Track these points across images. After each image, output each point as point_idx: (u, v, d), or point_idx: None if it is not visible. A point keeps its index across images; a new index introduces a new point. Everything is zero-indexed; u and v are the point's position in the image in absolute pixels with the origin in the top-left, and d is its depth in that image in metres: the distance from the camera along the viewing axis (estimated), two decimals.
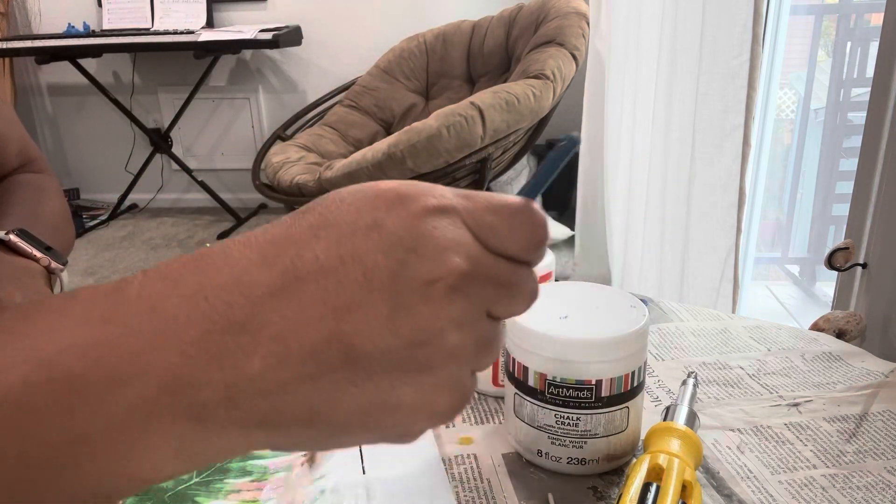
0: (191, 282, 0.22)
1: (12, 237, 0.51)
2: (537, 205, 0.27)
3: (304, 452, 0.48)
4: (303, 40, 3.05)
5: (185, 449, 0.22)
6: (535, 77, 2.12)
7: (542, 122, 2.31)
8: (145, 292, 0.22)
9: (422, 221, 0.23)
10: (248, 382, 0.21)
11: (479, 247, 0.24)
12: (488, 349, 0.26)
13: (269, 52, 3.12)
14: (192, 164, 3.22)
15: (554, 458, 0.46)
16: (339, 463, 0.47)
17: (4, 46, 2.81)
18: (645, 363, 0.46)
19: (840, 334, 0.71)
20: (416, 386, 0.23)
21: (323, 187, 2.12)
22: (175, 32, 2.84)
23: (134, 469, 0.21)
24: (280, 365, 0.22)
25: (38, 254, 0.52)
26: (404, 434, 0.25)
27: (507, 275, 0.25)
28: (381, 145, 2.04)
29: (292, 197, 2.25)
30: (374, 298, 0.22)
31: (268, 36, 2.72)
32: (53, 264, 0.53)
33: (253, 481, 0.44)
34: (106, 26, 3.04)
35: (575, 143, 0.30)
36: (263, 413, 0.22)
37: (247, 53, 3.19)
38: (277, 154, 2.44)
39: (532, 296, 0.27)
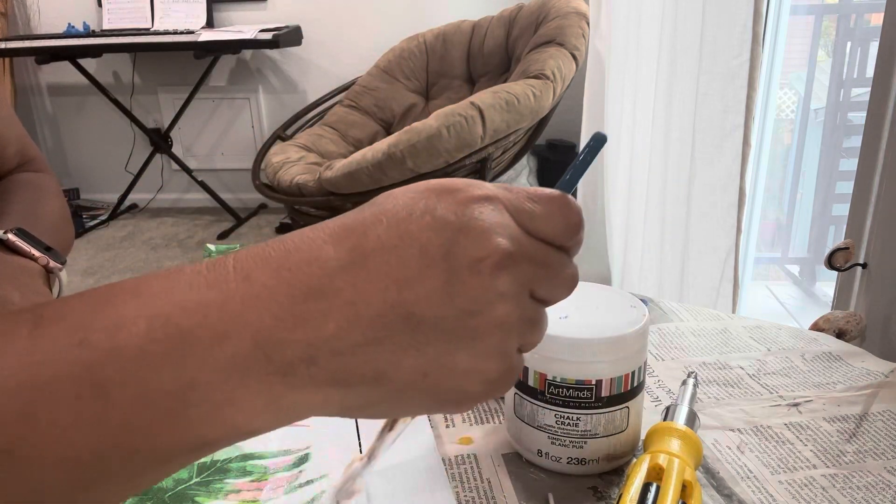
0: (276, 257, 0.25)
1: (10, 236, 0.51)
2: (571, 196, 0.30)
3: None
4: (303, 40, 3.05)
5: (272, 402, 0.24)
6: (535, 77, 2.12)
7: (542, 122, 2.31)
8: (239, 265, 0.25)
9: (468, 207, 0.26)
10: (324, 342, 0.24)
11: (520, 230, 0.27)
12: (533, 327, 0.28)
13: (269, 52, 3.12)
14: (192, 164, 3.22)
15: (554, 458, 0.46)
16: (340, 463, 0.47)
17: (4, 46, 2.81)
18: (645, 363, 0.46)
19: (840, 334, 0.71)
20: (469, 351, 0.26)
21: (323, 187, 2.12)
22: (175, 32, 2.84)
23: (232, 417, 0.24)
24: (351, 327, 0.25)
25: (36, 253, 0.52)
26: (462, 400, 0.28)
27: (547, 257, 0.28)
28: (381, 145, 2.04)
29: (292, 197, 2.25)
30: (429, 272, 0.25)
31: (268, 36, 2.72)
32: (52, 263, 0.53)
33: (253, 481, 0.44)
34: (106, 26, 3.04)
35: (603, 140, 0.34)
36: (337, 371, 0.25)
37: (247, 53, 3.19)
38: (277, 154, 2.44)
39: (571, 280, 0.29)
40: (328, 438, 0.47)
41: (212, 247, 0.79)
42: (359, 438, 0.47)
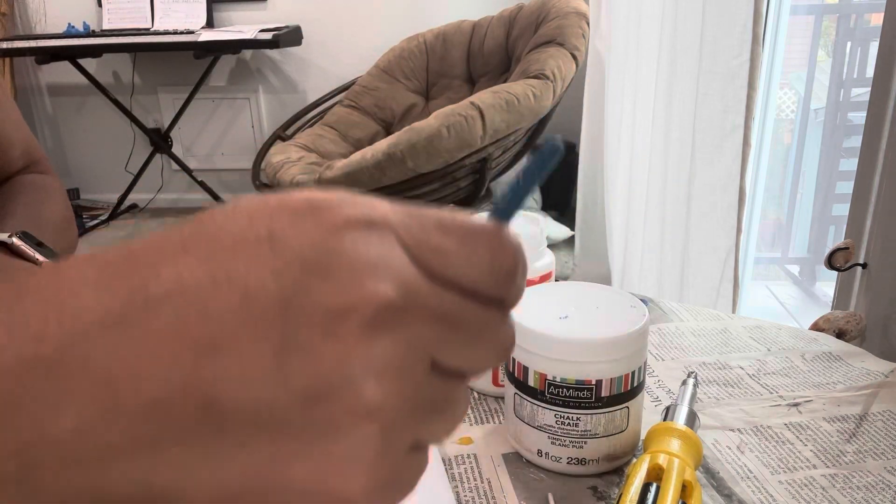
0: (10, 293, 0.16)
1: (15, 240, 0.52)
2: (508, 226, 0.21)
3: None
4: (303, 40, 3.05)
5: None
6: (535, 77, 2.12)
7: (542, 122, 2.31)
8: None
9: (337, 235, 0.17)
10: (53, 446, 0.15)
11: (416, 272, 0.18)
12: (438, 412, 0.19)
13: (269, 52, 3.12)
14: (192, 164, 3.22)
15: (554, 458, 0.46)
16: None
17: (4, 46, 2.81)
18: (645, 363, 0.46)
19: (840, 334, 0.71)
20: (314, 459, 0.17)
21: (323, 187, 2.12)
22: (175, 32, 2.84)
23: None
24: (103, 422, 0.16)
25: (40, 257, 0.52)
26: None
27: (461, 312, 0.19)
28: (381, 145, 2.04)
29: None
30: (253, 332, 0.16)
31: (268, 36, 2.72)
32: None
33: None
34: (106, 26, 3.04)
35: (556, 150, 0.23)
36: (77, 491, 0.16)
37: (247, 53, 3.19)
38: (277, 154, 2.44)
39: (503, 346, 0.20)
40: None
41: None
42: None
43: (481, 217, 0.21)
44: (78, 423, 0.16)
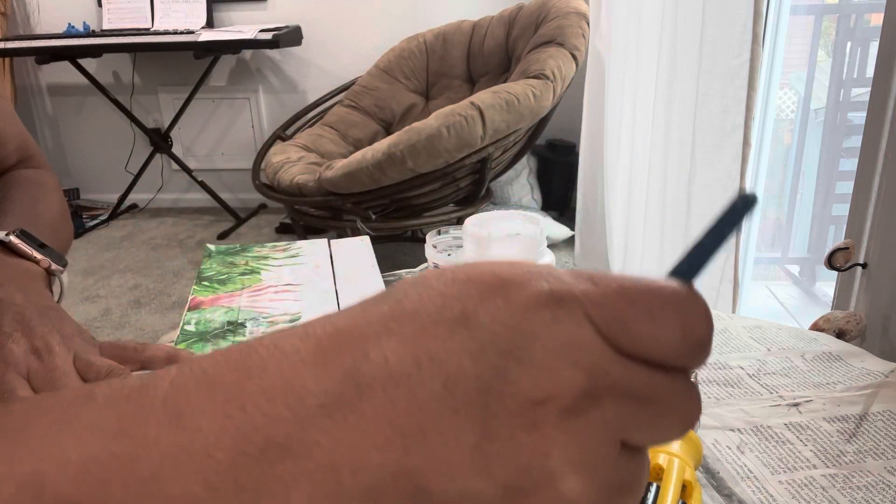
0: (229, 383, 0.17)
1: (13, 238, 0.52)
2: (696, 289, 0.19)
3: None
4: (303, 40, 3.05)
5: None
6: (535, 77, 2.12)
7: (542, 122, 2.31)
8: (174, 395, 0.17)
9: (528, 315, 0.17)
10: None
11: (608, 350, 0.17)
12: (625, 492, 0.19)
13: (269, 52, 3.12)
14: (192, 164, 3.22)
15: None
16: None
17: (4, 46, 2.81)
18: None
19: (840, 334, 0.71)
20: None
21: (323, 187, 2.12)
22: (175, 32, 2.84)
23: None
24: (328, 503, 0.16)
25: (38, 255, 0.52)
26: None
27: (649, 388, 0.18)
28: (381, 145, 2.04)
29: (292, 197, 2.25)
30: (457, 421, 0.16)
31: (268, 36, 2.72)
32: (53, 266, 0.53)
33: (265, 330, 0.55)
34: (106, 26, 3.04)
35: (750, 203, 0.20)
36: None
37: (247, 53, 3.19)
38: (277, 154, 2.44)
39: (690, 415, 0.19)
40: (313, 307, 0.59)
41: (212, 247, 0.79)
42: (338, 306, 0.54)
43: (666, 280, 0.19)
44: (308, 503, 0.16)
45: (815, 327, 0.72)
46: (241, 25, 2.97)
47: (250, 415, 0.16)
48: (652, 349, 0.18)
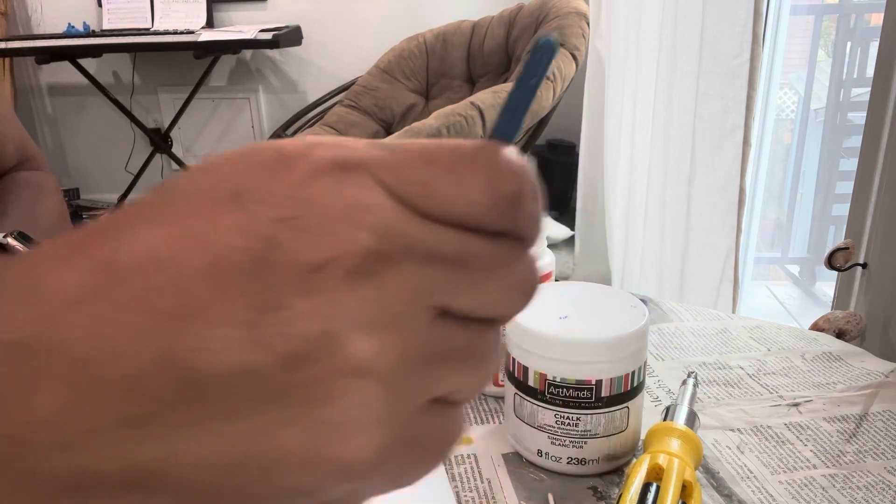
0: None
1: (11, 240, 0.51)
2: (506, 147, 0.18)
3: None
4: (303, 40, 3.05)
5: None
6: None
7: (542, 122, 2.31)
8: None
9: (306, 183, 0.16)
10: (37, 429, 0.15)
11: (401, 211, 0.16)
12: (459, 363, 0.17)
13: (269, 52, 3.12)
14: (192, 164, 3.22)
15: (554, 458, 0.46)
16: None
17: (4, 46, 2.81)
18: (645, 363, 0.46)
19: (840, 334, 0.71)
20: (308, 426, 0.16)
21: None
22: (175, 32, 2.84)
23: None
24: (83, 401, 0.15)
25: None
26: (311, 501, 0.17)
27: (462, 250, 0.17)
28: None
29: None
30: (225, 295, 0.15)
31: (268, 36, 2.72)
32: None
33: None
34: (106, 26, 3.04)
35: (550, 47, 0.19)
36: (66, 476, 0.15)
37: (247, 53, 3.19)
38: None
39: (523, 283, 0.18)
40: None
41: None
42: None
43: (475, 141, 0.18)
44: (59, 405, 0.15)
45: (815, 327, 0.72)
46: (241, 25, 2.97)
47: None
48: (457, 208, 0.17)
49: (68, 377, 0.15)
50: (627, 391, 0.45)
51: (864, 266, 0.82)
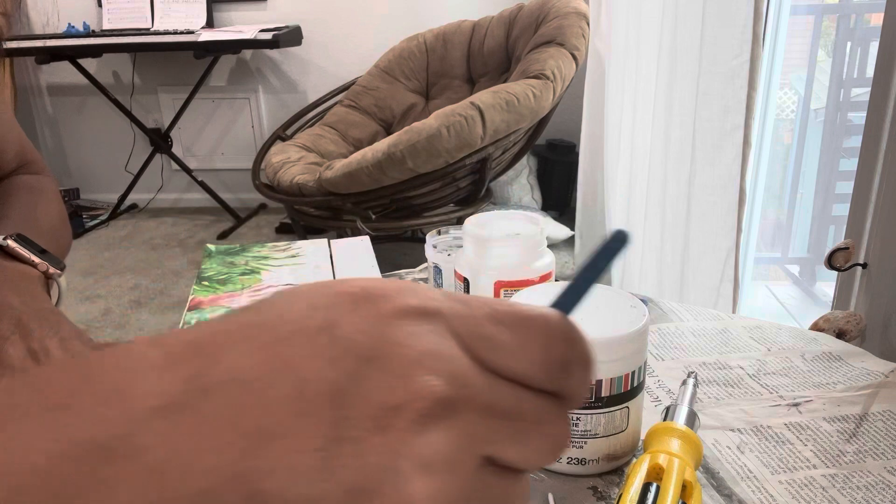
0: (61, 385, 0.16)
1: (10, 242, 0.52)
2: (566, 317, 0.20)
3: None
4: (303, 40, 3.05)
5: None
6: (535, 77, 2.12)
7: (542, 122, 2.31)
8: (7, 400, 0.16)
9: (391, 324, 0.17)
10: None
11: (469, 363, 0.18)
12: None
13: (269, 52, 3.12)
14: (192, 164, 3.22)
15: None
16: None
17: (4, 46, 2.80)
18: (645, 363, 0.46)
19: (840, 334, 0.71)
20: None
21: (323, 187, 2.12)
22: (175, 32, 2.84)
23: None
24: None
25: (36, 259, 0.52)
26: None
27: (514, 406, 0.18)
28: (381, 145, 2.04)
29: (292, 197, 2.25)
30: (305, 423, 0.16)
31: (268, 36, 2.72)
32: (51, 269, 0.53)
33: None
34: (106, 26, 3.04)
35: (623, 240, 0.22)
36: None
37: (247, 53, 3.19)
38: (277, 154, 2.44)
39: (557, 441, 0.19)
40: None
41: (212, 247, 0.79)
42: None
43: (540, 307, 0.20)
44: None
45: (815, 327, 0.72)
46: (241, 25, 2.97)
47: (76, 417, 0.16)
48: (517, 365, 0.18)
49: (144, 485, 0.15)
50: (627, 391, 0.45)
51: (864, 266, 0.82)
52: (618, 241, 0.23)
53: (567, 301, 0.21)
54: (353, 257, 0.75)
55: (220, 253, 0.77)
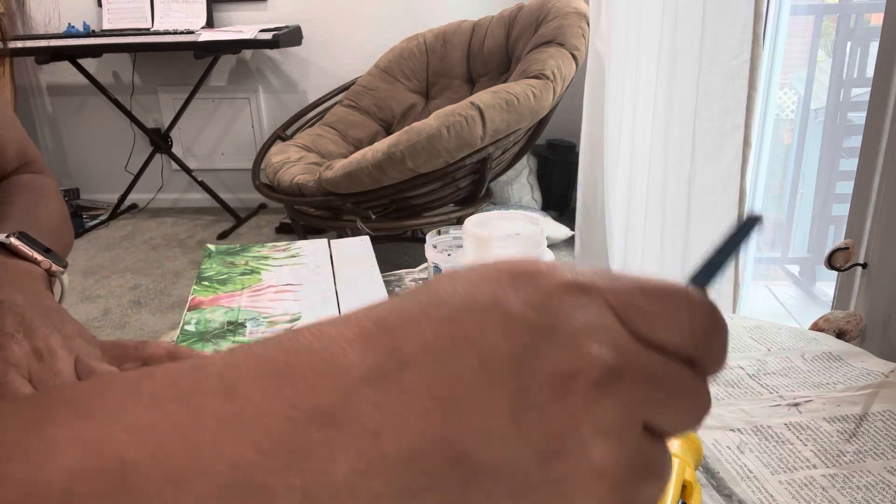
0: (278, 360, 0.19)
1: (13, 240, 0.52)
2: (706, 291, 0.22)
3: None
4: (303, 40, 3.05)
5: None
6: (535, 77, 2.12)
7: (542, 122, 2.31)
8: (228, 371, 0.18)
9: (554, 299, 0.19)
10: (332, 492, 0.17)
11: (627, 334, 0.19)
12: (649, 475, 0.19)
13: (269, 52, 3.12)
14: (192, 164, 3.22)
15: None
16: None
17: (4, 46, 2.80)
18: None
19: (840, 334, 0.71)
20: None
21: (323, 187, 2.12)
22: (175, 32, 2.84)
23: None
24: (372, 470, 0.17)
25: (38, 256, 0.52)
26: None
27: (666, 373, 0.20)
28: (381, 145, 2.04)
29: (292, 197, 2.25)
30: (493, 391, 0.18)
31: (268, 36, 2.72)
32: (54, 267, 0.53)
33: (264, 329, 0.53)
34: (106, 26, 3.04)
35: (756, 221, 0.24)
36: None
37: (247, 53, 3.19)
38: (277, 154, 2.44)
39: (702, 406, 0.21)
40: (313, 307, 0.54)
41: (212, 247, 0.79)
42: (338, 306, 0.51)
43: (680, 282, 0.21)
44: (350, 470, 0.17)
45: (815, 327, 0.72)
46: (241, 25, 2.97)
47: (298, 387, 0.18)
48: (666, 337, 0.20)
49: (361, 447, 0.17)
50: None
51: (864, 266, 0.82)
52: (752, 221, 0.24)
53: (703, 276, 0.23)
54: (353, 257, 0.75)
55: (219, 253, 0.76)
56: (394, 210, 2.24)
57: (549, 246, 0.59)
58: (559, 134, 2.73)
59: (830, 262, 0.83)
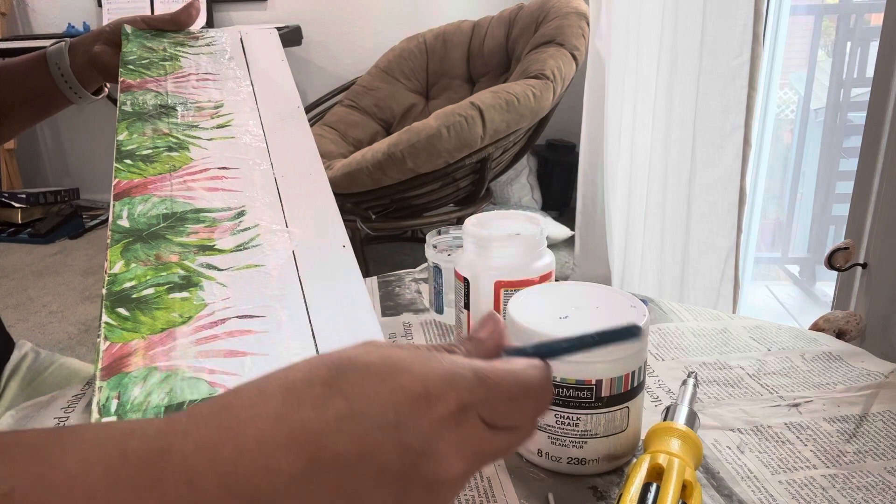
0: (226, 460, 0.24)
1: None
2: (550, 377, 0.31)
3: None
4: (303, 40, 3.05)
5: None
6: (535, 77, 2.12)
7: (542, 122, 2.31)
8: (185, 463, 0.23)
9: (440, 426, 0.26)
10: None
11: (487, 432, 0.28)
12: (482, 461, 0.29)
13: None
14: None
15: (554, 458, 0.46)
16: (269, 220, 0.50)
17: (4, 46, 2.81)
18: (645, 363, 0.46)
19: (840, 334, 0.71)
20: None
21: None
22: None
23: None
24: None
25: None
26: None
27: (507, 442, 0.29)
28: (381, 145, 2.04)
29: None
30: (384, 493, 0.25)
31: None
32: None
33: (206, 227, 0.51)
34: None
35: (635, 332, 0.30)
36: None
37: None
38: None
39: (528, 435, 0.31)
40: (258, 202, 0.54)
41: (129, 28, 0.78)
42: (282, 210, 0.52)
43: (534, 379, 0.29)
44: None
45: (815, 327, 0.72)
46: (241, 25, 2.97)
47: (243, 484, 0.24)
48: (514, 423, 0.29)
49: None
50: (627, 391, 0.45)
51: (864, 266, 0.82)
52: (629, 334, 0.29)
53: (550, 349, 0.30)
54: (263, 50, 0.80)
55: (137, 37, 0.77)
56: (394, 210, 2.24)
57: (549, 246, 0.59)
58: (559, 134, 2.73)
59: (830, 262, 0.83)
